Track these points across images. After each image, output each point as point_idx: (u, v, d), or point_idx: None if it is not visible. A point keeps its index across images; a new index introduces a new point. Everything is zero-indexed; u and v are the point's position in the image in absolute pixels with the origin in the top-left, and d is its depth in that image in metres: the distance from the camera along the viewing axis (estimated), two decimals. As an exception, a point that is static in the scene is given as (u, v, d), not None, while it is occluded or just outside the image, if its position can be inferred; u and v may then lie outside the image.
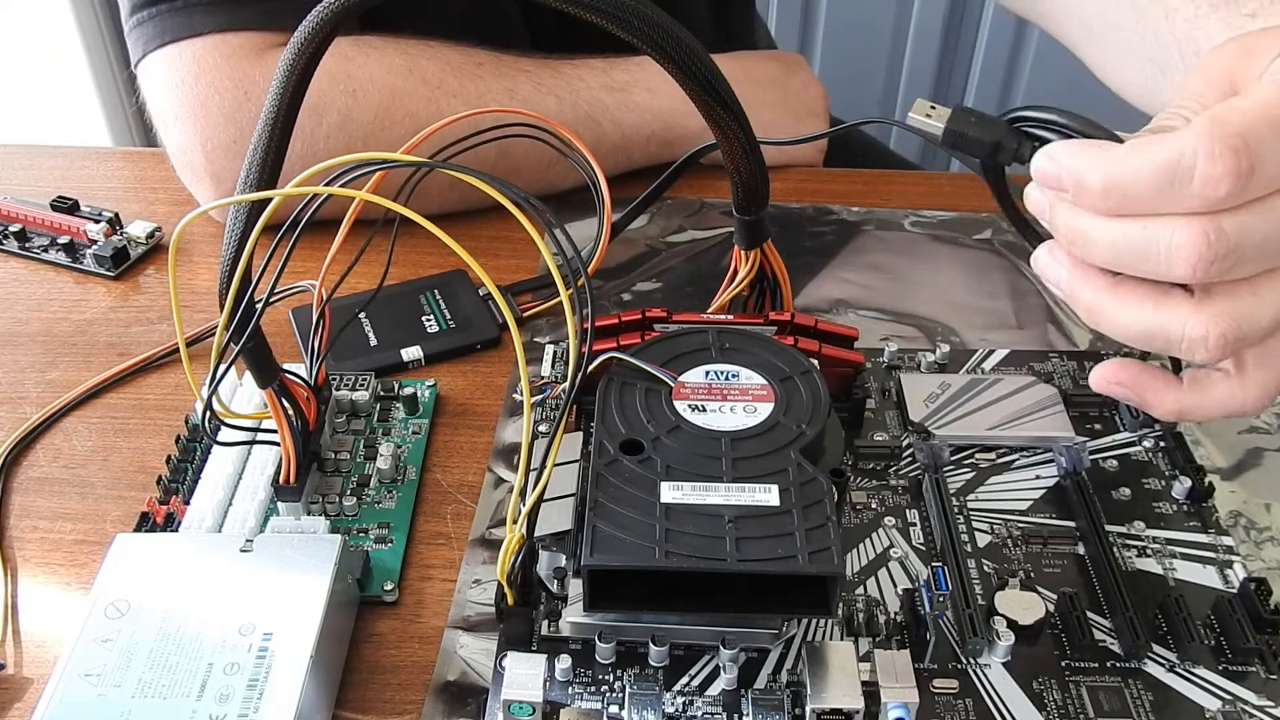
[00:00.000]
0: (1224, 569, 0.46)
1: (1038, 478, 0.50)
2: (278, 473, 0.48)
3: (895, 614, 0.44)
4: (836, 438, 0.45)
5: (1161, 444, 0.52)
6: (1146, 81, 0.60)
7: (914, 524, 0.48)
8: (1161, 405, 0.43)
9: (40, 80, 1.32)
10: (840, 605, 0.44)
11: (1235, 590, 0.45)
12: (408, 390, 0.55)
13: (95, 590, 0.42)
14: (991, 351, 0.57)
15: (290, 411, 0.47)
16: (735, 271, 0.52)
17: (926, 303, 0.62)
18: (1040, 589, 0.45)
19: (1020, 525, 0.48)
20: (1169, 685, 0.42)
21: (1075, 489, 0.48)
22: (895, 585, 0.45)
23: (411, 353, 0.58)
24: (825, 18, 1.49)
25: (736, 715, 0.40)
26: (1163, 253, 0.36)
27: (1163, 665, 0.43)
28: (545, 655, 0.40)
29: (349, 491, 0.50)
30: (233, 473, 0.49)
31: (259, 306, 0.43)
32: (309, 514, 0.48)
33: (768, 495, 0.40)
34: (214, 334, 0.43)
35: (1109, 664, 0.43)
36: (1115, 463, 0.51)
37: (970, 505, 0.49)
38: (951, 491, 0.49)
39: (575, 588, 0.43)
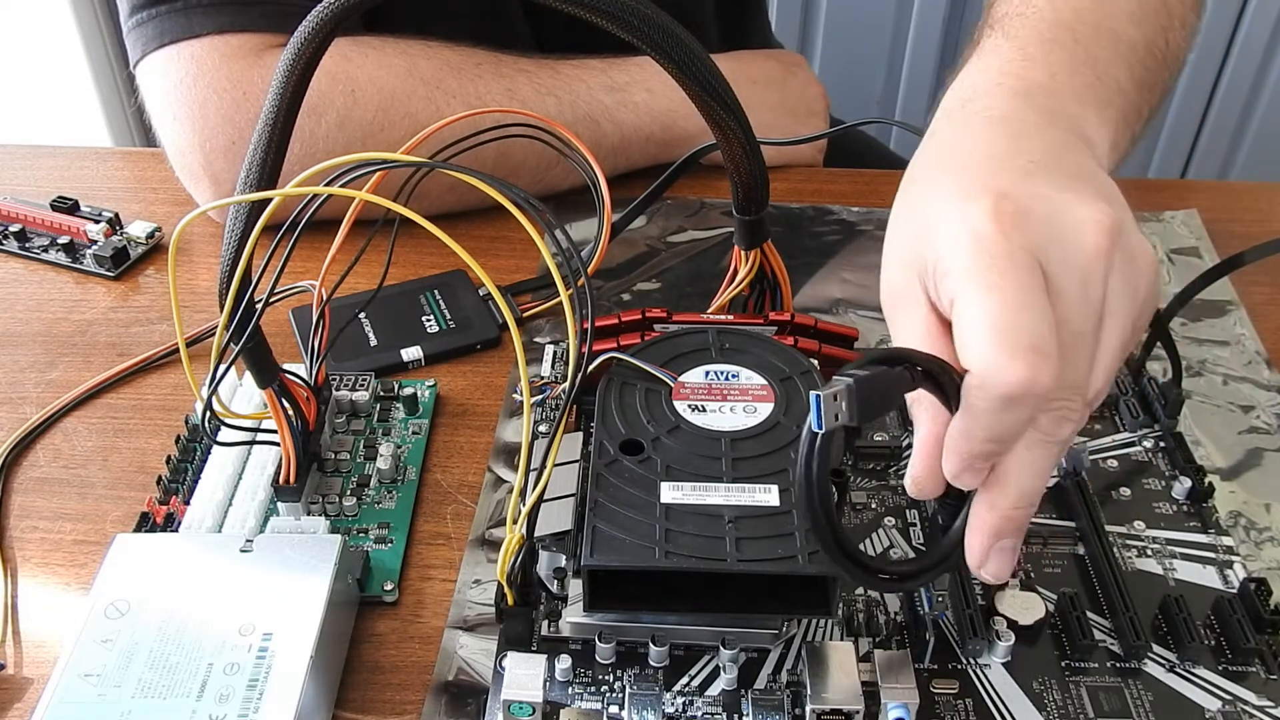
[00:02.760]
0: (1224, 569, 0.46)
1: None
2: (278, 473, 0.48)
3: (895, 614, 0.44)
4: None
5: (1161, 444, 0.52)
6: None
7: (914, 524, 0.48)
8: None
9: (40, 80, 1.32)
10: (840, 605, 0.44)
11: (1235, 590, 0.45)
12: (408, 390, 0.55)
13: (95, 590, 0.42)
14: (991, 351, 0.57)
15: (290, 411, 0.47)
16: (735, 271, 0.51)
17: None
18: (1040, 589, 0.45)
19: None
20: (1169, 685, 0.42)
21: (1075, 489, 0.48)
22: (895, 585, 0.45)
23: (411, 353, 0.58)
24: (825, 18, 1.49)
25: (736, 715, 0.40)
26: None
27: (1163, 665, 0.43)
28: (545, 655, 0.40)
29: (349, 491, 0.50)
30: (233, 473, 0.49)
31: (259, 306, 0.43)
32: (309, 514, 0.48)
33: (768, 495, 0.40)
34: (214, 334, 0.43)
35: (1109, 664, 0.43)
36: (1115, 463, 0.51)
37: (970, 505, 0.49)
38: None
39: (575, 588, 0.43)
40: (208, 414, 0.45)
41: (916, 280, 0.38)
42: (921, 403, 0.38)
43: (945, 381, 0.35)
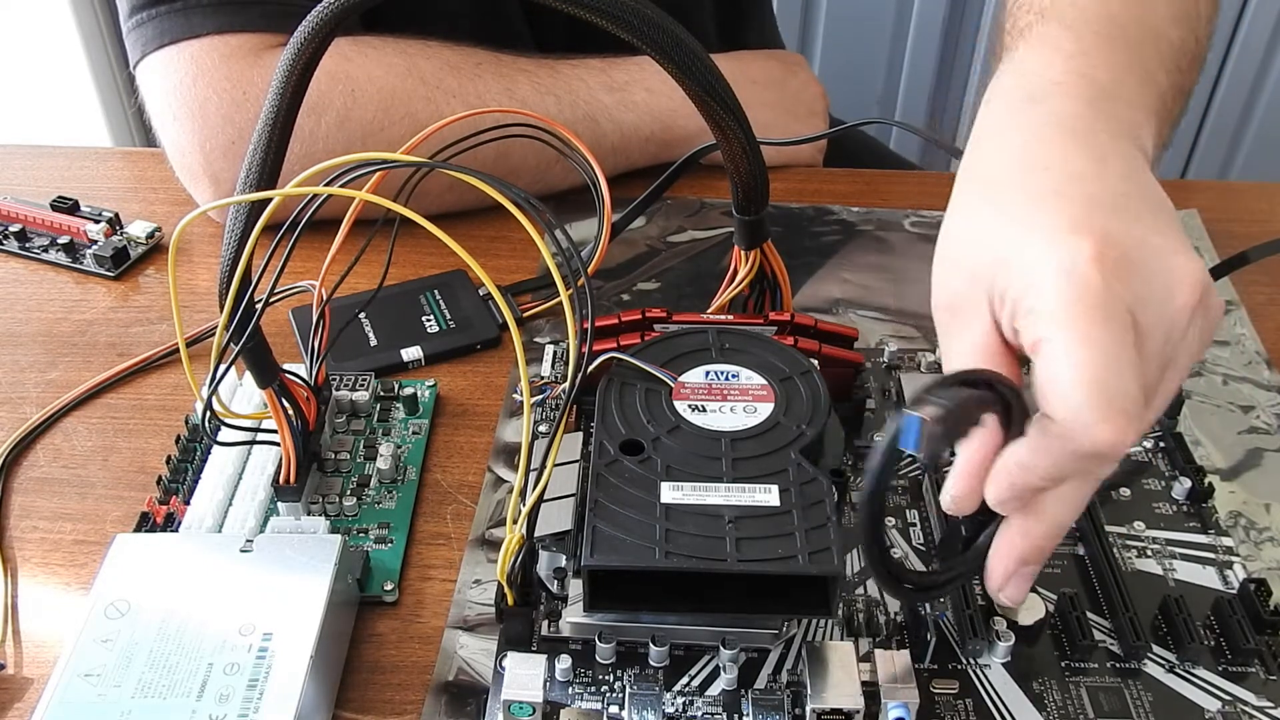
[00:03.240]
0: (1224, 569, 0.46)
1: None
2: (278, 473, 0.48)
3: (895, 614, 0.44)
4: (836, 438, 0.45)
5: (1161, 444, 0.52)
6: None
7: (914, 524, 0.48)
8: None
9: (40, 80, 1.32)
10: (840, 605, 0.44)
11: (1235, 591, 0.45)
12: (408, 390, 0.55)
13: (95, 590, 0.42)
14: (991, 351, 0.57)
15: (290, 411, 0.47)
16: (735, 271, 0.51)
17: (927, 303, 0.61)
18: (1040, 589, 0.45)
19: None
20: (1169, 685, 0.42)
21: (1075, 489, 0.48)
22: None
23: (411, 353, 0.58)
24: (825, 18, 1.49)
25: (736, 715, 0.40)
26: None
27: (1163, 665, 0.43)
28: (545, 655, 0.40)
29: (349, 491, 0.50)
30: (233, 473, 0.49)
31: (259, 306, 0.43)
32: (309, 514, 0.48)
33: (768, 495, 0.40)
34: (214, 334, 0.43)
35: (1109, 664, 0.43)
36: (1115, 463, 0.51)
37: (970, 505, 0.49)
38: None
39: (575, 588, 0.43)
40: (208, 414, 0.45)
41: (984, 297, 0.37)
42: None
43: (1016, 409, 0.35)
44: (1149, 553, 0.47)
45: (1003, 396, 0.35)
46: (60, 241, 0.66)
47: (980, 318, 0.37)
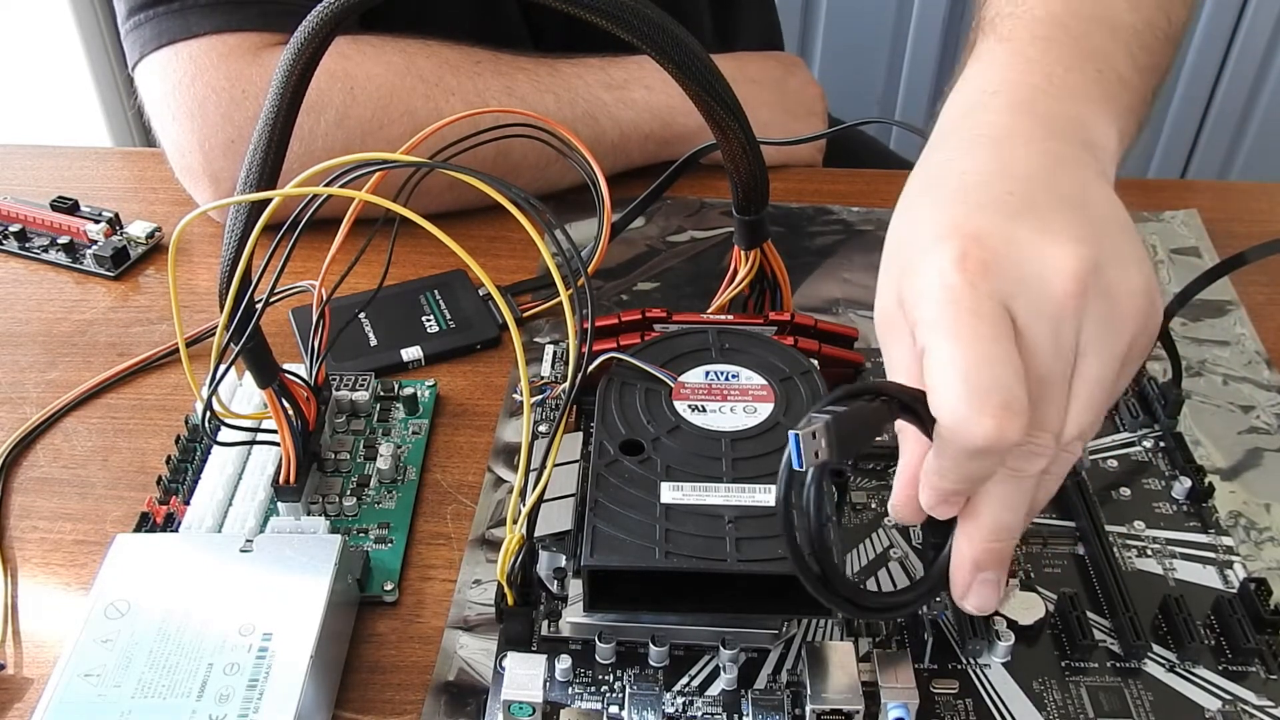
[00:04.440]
0: (1224, 569, 0.46)
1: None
2: (278, 473, 0.48)
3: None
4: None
5: (1161, 444, 0.52)
6: None
7: (913, 524, 0.48)
8: None
9: (40, 80, 1.31)
10: (840, 605, 0.44)
11: (1235, 590, 0.45)
12: (408, 390, 0.55)
13: (95, 590, 0.42)
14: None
15: (290, 411, 0.47)
16: (735, 271, 0.52)
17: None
18: (1040, 589, 0.45)
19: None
20: (1169, 685, 0.42)
21: (1075, 489, 0.48)
22: (895, 585, 0.45)
23: (411, 353, 0.58)
24: (825, 18, 1.49)
25: (736, 715, 0.40)
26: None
27: (1163, 665, 0.43)
28: (545, 655, 0.40)
29: (349, 491, 0.50)
30: (233, 473, 0.49)
31: (259, 306, 0.43)
32: (309, 514, 0.48)
33: (767, 495, 0.40)
34: (214, 334, 0.43)
35: (1109, 664, 0.43)
36: (1115, 463, 0.51)
37: (970, 505, 0.49)
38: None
39: (575, 588, 0.43)
40: (208, 414, 0.45)
41: (900, 310, 0.38)
42: (905, 431, 0.38)
43: (923, 413, 0.35)
44: (1149, 552, 0.47)
45: (906, 405, 0.35)
46: (60, 241, 0.66)
47: (900, 332, 0.38)
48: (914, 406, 0.35)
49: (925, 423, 0.35)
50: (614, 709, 0.40)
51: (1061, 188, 0.39)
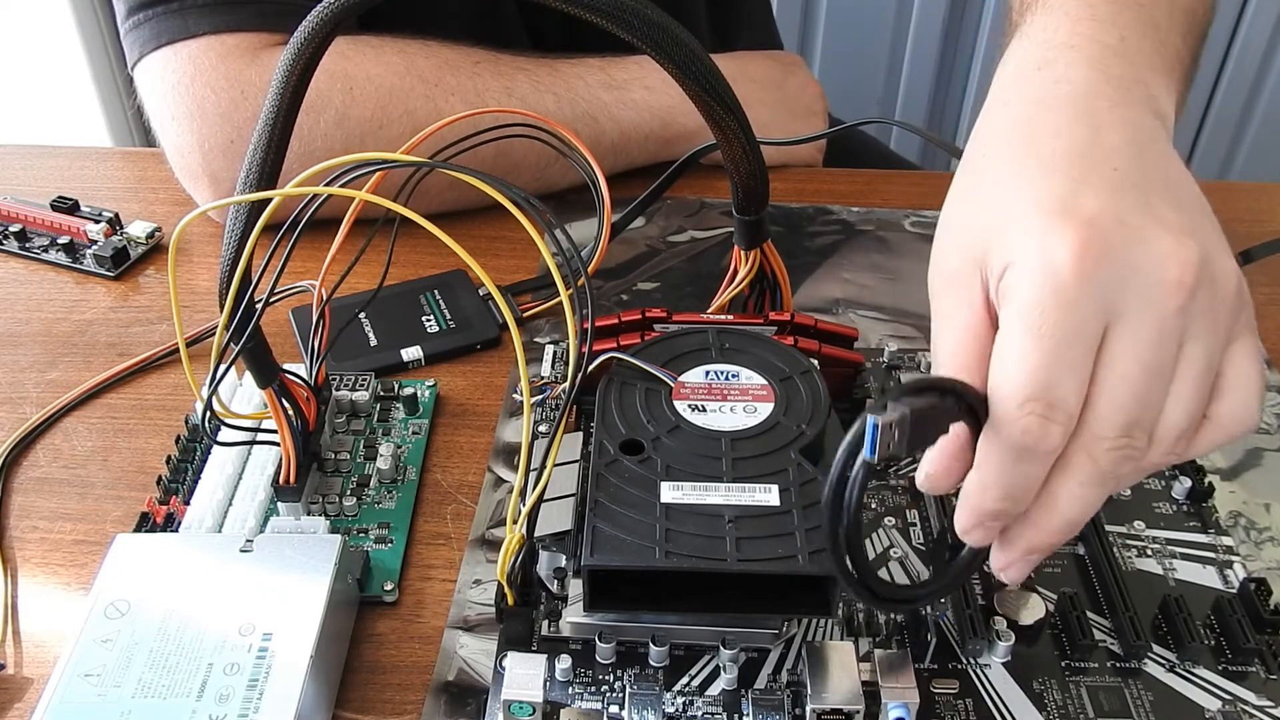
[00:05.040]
0: (1224, 569, 0.46)
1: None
2: (278, 473, 0.48)
3: (895, 614, 0.44)
4: (836, 438, 0.45)
5: (1161, 444, 0.52)
6: None
7: (914, 524, 0.48)
8: None
9: (40, 80, 1.32)
10: (840, 605, 0.44)
11: (1235, 590, 0.45)
12: (408, 390, 0.55)
13: (95, 590, 0.42)
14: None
15: (290, 411, 0.47)
16: (735, 271, 0.51)
17: (926, 303, 0.61)
18: (1040, 589, 0.45)
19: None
20: (1169, 685, 0.42)
21: (1075, 489, 0.48)
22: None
23: (411, 353, 0.58)
24: (825, 18, 1.49)
25: (736, 715, 0.40)
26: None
27: (1163, 665, 0.43)
28: (545, 655, 0.40)
29: (349, 491, 0.50)
30: (233, 473, 0.49)
31: (259, 306, 0.43)
32: (309, 514, 0.48)
33: (768, 495, 0.40)
34: (214, 334, 0.43)
35: (1109, 664, 0.43)
36: (1115, 463, 0.51)
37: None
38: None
39: (575, 588, 0.43)
40: (208, 414, 0.45)
41: (976, 271, 0.37)
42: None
43: (984, 419, 0.34)
44: (1149, 552, 0.47)
45: (971, 407, 0.34)
46: (60, 241, 0.66)
47: (972, 294, 0.37)
48: (977, 411, 0.34)
49: (980, 429, 0.35)
50: (614, 709, 0.40)
51: (1155, 167, 0.38)
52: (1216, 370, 0.36)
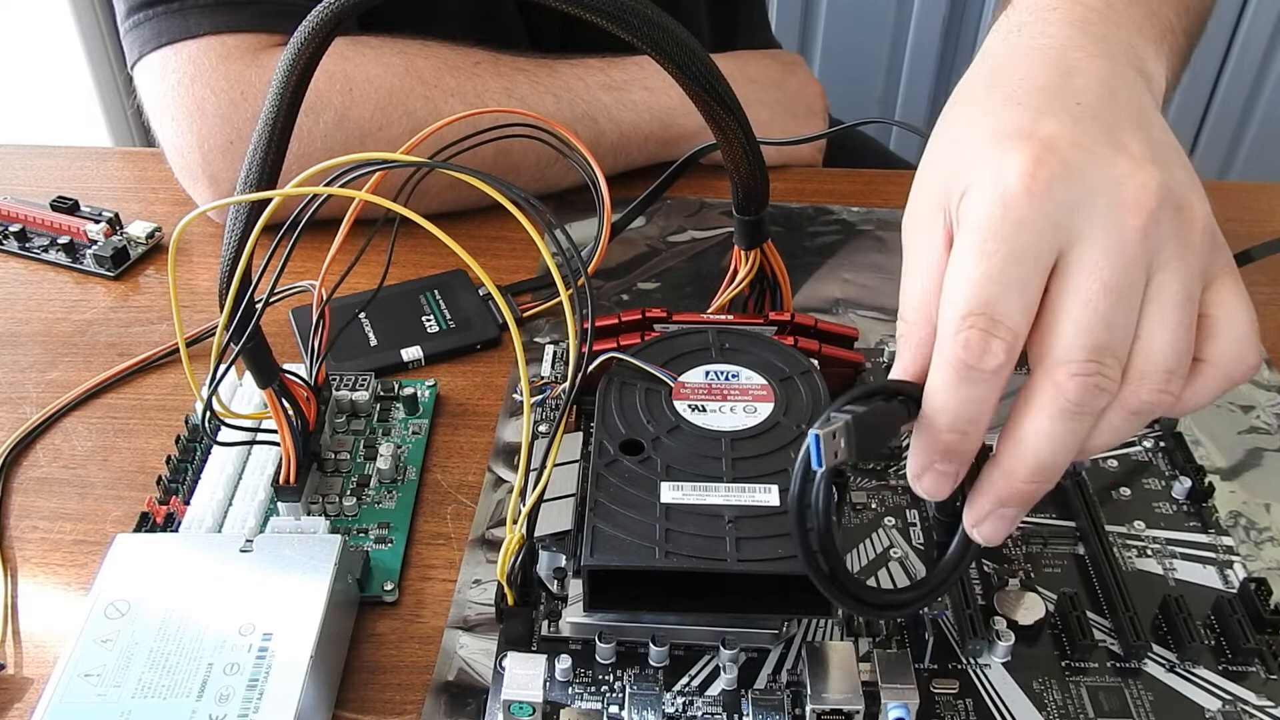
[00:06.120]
0: (1224, 569, 0.46)
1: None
2: (278, 473, 0.48)
3: (883, 620, 0.44)
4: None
5: (1161, 444, 0.52)
6: None
7: (914, 524, 0.48)
8: None
9: (40, 80, 1.32)
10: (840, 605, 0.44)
11: (1235, 590, 0.45)
12: (408, 390, 0.55)
13: (95, 590, 0.42)
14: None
15: (290, 411, 0.47)
16: (735, 271, 0.51)
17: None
18: (1040, 589, 0.45)
19: (1020, 525, 0.48)
20: (1169, 685, 0.42)
21: (1075, 489, 0.48)
22: (895, 585, 0.45)
23: (411, 353, 0.58)
24: (825, 18, 1.49)
25: (736, 715, 0.40)
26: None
27: (1163, 665, 0.43)
28: (545, 655, 0.40)
29: (349, 491, 0.50)
30: (233, 473, 0.49)
31: (259, 306, 0.43)
32: (309, 514, 0.48)
33: (768, 495, 0.40)
34: (214, 334, 0.43)
35: (1109, 664, 0.43)
36: (1115, 463, 0.51)
37: (970, 505, 0.49)
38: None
39: (575, 588, 0.43)
40: (208, 414, 0.45)
41: (940, 210, 0.36)
42: None
43: None
44: (1149, 552, 0.47)
45: (919, 403, 0.34)
46: (60, 241, 0.66)
47: (934, 233, 0.36)
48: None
49: None
50: (614, 709, 0.40)
51: (1125, 108, 0.37)
52: (1199, 307, 0.35)
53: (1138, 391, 0.34)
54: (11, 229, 0.66)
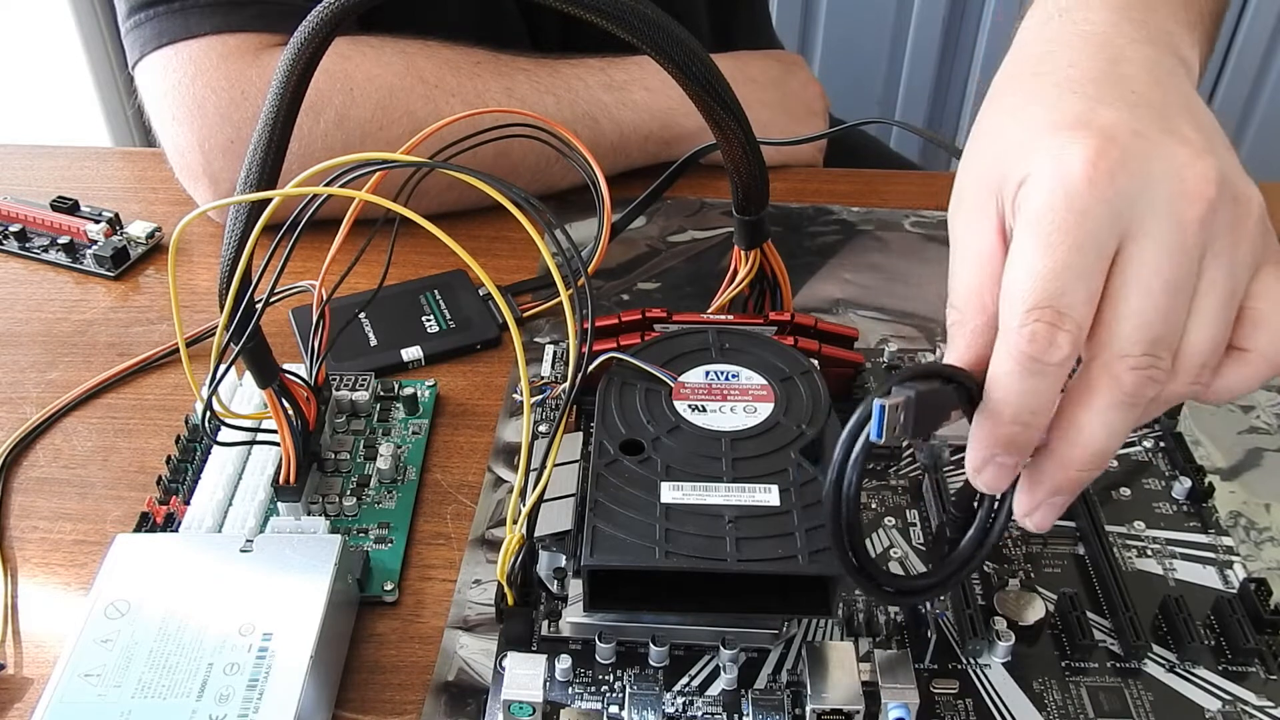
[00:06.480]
0: (1224, 569, 0.46)
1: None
2: (278, 473, 0.48)
3: (895, 614, 0.44)
4: (836, 438, 0.45)
5: (1161, 444, 0.52)
6: None
7: (914, 524, 0.48)
8: None
9: (40, 80, 1.32)
10: (840, 605, 0.44)
11: (1235, 590, 0.45)
12: (408, 390, 0.55)
13: (95, 590, 0.42)
14: (991, 351, 0.57)
15: (290, 411, 0.47)
16: (735, 271, 0.51)
17: (926, 303, 0.62)
18: (1040, 589, 0.45)
19: (1020, 525, 0.48)
20: (1169, 685, 0.42)
21: (1075, 489, 0.48)
22: (895, 585, 0.45)
23: (411, 353, 0.58)
24: (825, 18, 1.49)
25: (736, 715, 0.40)
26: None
27: (1163, 665, 0.43)
28: (545, 655, 0.40)
29: (349, 491, 0.50)
30: (233, 473, 0.49)
31: (259, 306, 0.43)
32: (309, 514, 0.48)
33: (768, 495, 0.40)
34: (214, 334, 0.43)
35: (1109, 664, 0.43)
36: (1115, 463, 0.51)
37: (970, 505, 0.49)
38: (951, 492, 0.49)
39: (575, 588, 0.43)
40: (208, 414, 0.45)
41: (993, 198, 0.36)
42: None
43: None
44: (1149, 552, 0.47)
45: (971, 395, 0.34)
46: (60, 241, 0.66)
47: (988, 220, 0.36)
48: (975, 398, 0.34)
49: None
50: (614, 709, 0.40)
51: (1174, 94, 0.37)
52: (1241, 298, 0.35)
53: (1176, 384, 0.34)
54: (11, 229, 0.66)
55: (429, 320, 0.60)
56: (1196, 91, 0.40)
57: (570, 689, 0.41)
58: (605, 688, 0.41)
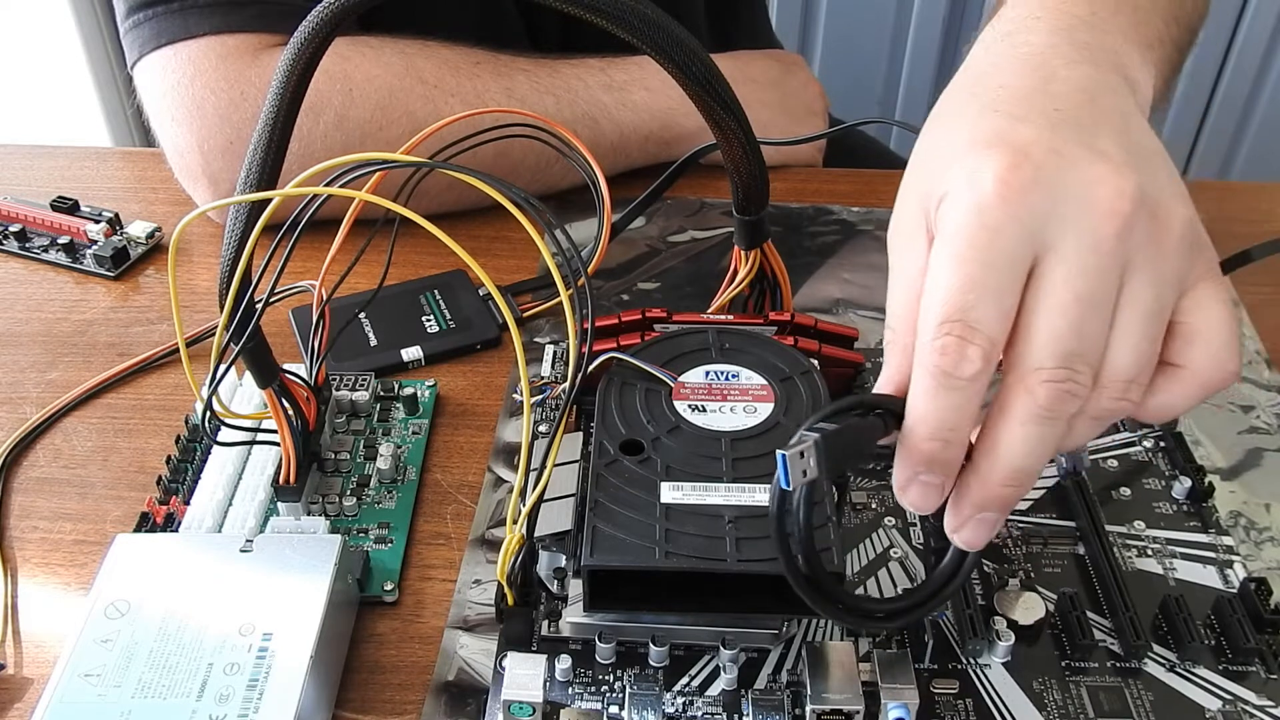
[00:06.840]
0: (1224, 569, 0.46)
1: (1037, 477, 0.50)
2: (278, 473, 0.48)
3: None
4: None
5: (1161, 444, 0.52)
6: None
7: (914, 524, 0.48)
8: None
9: (40, 80, 1.32)
10: (840, 605, 0.44)
11: (1235, 590, 0.45)
12: (408, 390, 0.55)
13: (95, 590, 0.42)
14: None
15: (290, 411, 0.47)
16: (735, 271, 0.51)
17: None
18: (1040, 589, 0.45)
19: (1020, 525, 0.48)
20: (1169, 685, 0.42)
21: (1075, 489, 0.48)
22: (895, 585, 0.45)
23: (411, 353, 0.58)
24: (825, 18, 1.49)
25: (736, 715, 0.40)
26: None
27: (1163, 665, 0.43)
28: (545, 655, 0.40)
29: (349, 491, 0.50)
30: (233, 473, 0.49)
31: (259, 306, 0.43)
32: (309, 514, 0.48)
33: (767, 496, 0.40)
34: (214, 334, 0.43)
35: (1109, 664, 0.43)
36: (1115, 463, 0.51)
37: (970, 505, 0.49)
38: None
39: (575, 588, 0.43)
40: (208, 414, 0.45)
41: (923, 216, 0.36)
42: None
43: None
44: (1149, 552, 0.47)
45: (898, 417, 0.34)
46: (60, 241, 0.66)
47: (916, 243, 0.36)
48: (901, 419, 0.34)
49: None
50: (614, 709, 0.40)
51: (1106, 113, 0.37)
52: (1171, 314, 0.35)
53: (1099, 398, 0.34)
54: (11, 229, 0.66)
55: (429, 320, 0.60)
56: (1143, 111, 0.40)
57: (570, 689, 0.41)
58: (605, 688, 0.41)
